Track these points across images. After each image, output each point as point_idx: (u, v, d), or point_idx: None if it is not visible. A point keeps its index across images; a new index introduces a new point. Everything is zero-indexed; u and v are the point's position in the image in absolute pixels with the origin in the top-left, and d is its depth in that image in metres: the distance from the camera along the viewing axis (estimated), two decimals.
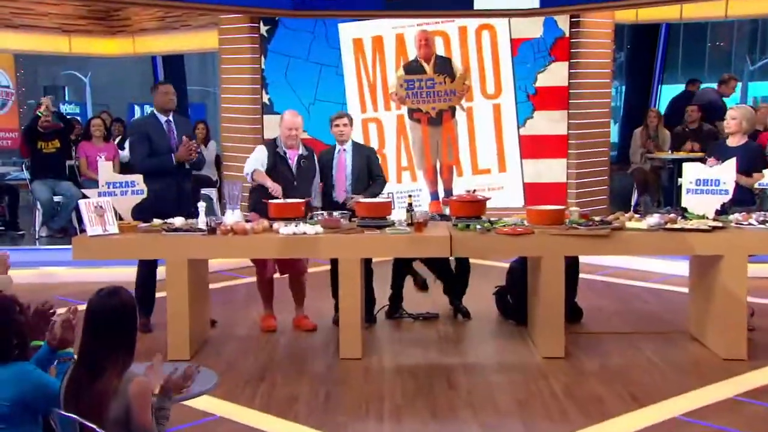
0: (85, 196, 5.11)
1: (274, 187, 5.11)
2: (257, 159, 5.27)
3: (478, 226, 4.70)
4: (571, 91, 8.42)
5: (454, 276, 5.72)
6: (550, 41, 8.36)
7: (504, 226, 4.77)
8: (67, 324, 2.76)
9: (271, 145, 5.38)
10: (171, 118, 5.39)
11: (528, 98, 8.46)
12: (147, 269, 5.33)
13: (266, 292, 5.42)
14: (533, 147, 8.50)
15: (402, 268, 5.72)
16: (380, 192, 5.44)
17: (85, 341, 2.56)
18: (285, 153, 5.30)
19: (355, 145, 5.52)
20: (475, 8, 8.17)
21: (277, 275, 5.43)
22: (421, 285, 6.01)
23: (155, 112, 5.42)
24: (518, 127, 8.50)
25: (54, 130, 7.99)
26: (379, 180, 5.51)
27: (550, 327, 4.69)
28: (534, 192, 8.47)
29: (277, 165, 5.26)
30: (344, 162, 5.43)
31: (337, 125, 5.44)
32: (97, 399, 2.45)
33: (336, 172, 5.43)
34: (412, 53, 8.45)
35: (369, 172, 5.46)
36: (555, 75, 8.40)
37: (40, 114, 7.85)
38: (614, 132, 11.15)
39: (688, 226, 4.69)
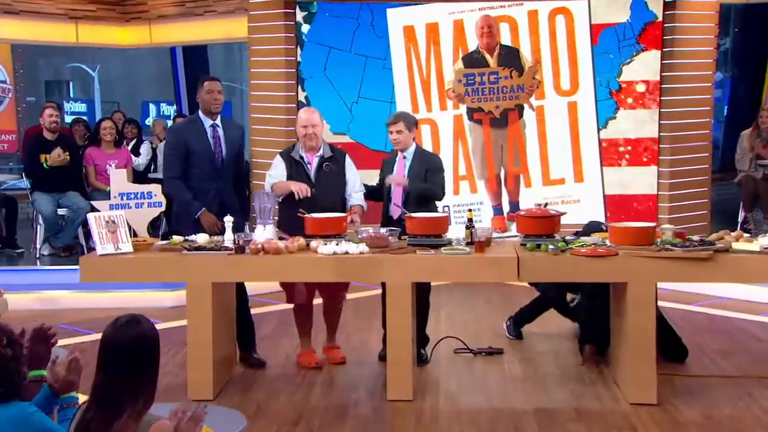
0: (94, 209, 5.26)
1: (299, 188, 5.14)
2: (273, 174, 5.37)
3: (551, 246, 4.70)
4: (663, 86, 8.35)
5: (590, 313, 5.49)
6: (639, 27, 8.31)
7: (581, 246, 4.76)
8: (73, 364, 2.77)
9: (287, 150, 5.47)
10: (218, 122, 5.43)
11: (611, 95, 8.42)
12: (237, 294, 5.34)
13: (303, 322, 5.48)
14: (616, 152, 8.45)
15: (550, 298, 5.65)
16: (430, 195, 5.37)
17: (99, 378, 2.60)
18: (302, 157, 5.37)
19: (418, 152, 5.50)
20: None
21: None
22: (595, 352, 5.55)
23: (200, 114, 5.44)
24: (598, 129, 8.46)
25: (62, 141, 8.15)
26: (433, 190, 5.40)
27: (638, 367, 4.64)
28: (617, 206, 8.40)
29: (292, 171, 5.33)
30: (401, 172, 5.47)
31: (391, 132, 5.47)
32: None
33: (392, 181, 5.51)
34: (473, 43, 8.50)
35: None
36: (644, 67, 8.35)
37: (46, 166, 7.92)
38: (717, 134, 10.99)
39: None
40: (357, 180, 5.49)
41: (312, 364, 5.37)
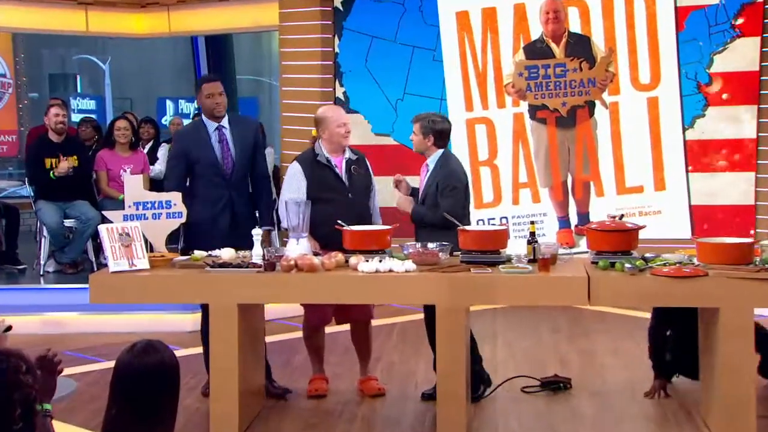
0: (105, 220, 5.34)
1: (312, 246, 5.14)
2: (290, 186, 5.41)
3: (628, 265, 4.67)
4: (763, 78, 8.23)
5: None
6: (735, 9, 8.22)
7: (664, 264, 4.72)
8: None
9: (307, 154, 5.54)
10: (224, 123, 5.54)
11: (699, 89, 8.34)
12: None
13: (317, 346, 5.62)
14: (705, 156, 8.36)
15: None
16: (431, 221, 5.33)
17: (113, 412, 2.65)
18: (328, 159, 5.44)
19: (441, 159, 5.50)
20: None
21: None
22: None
23: (204, 117, 5.58)
24: (684, 129, 8.38)
25: (70, 143, 8.27)
26: (437, 214, 5.26)
27: (733, 408, 4.57)
28: (706, 218, 8.31)
29: (319, 177, 5.40)
30: (423, 181, 5.56)
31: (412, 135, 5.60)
32: None
33: (420, 191, 5.57)
34: (537, 30, 8.49)
35: (436, 201, 5.38)
36: (740, 56, 8.24)
37: (53, 176, 8.04)
38: None
39: None
40: (376, 188, 5.68)
41: (320, 391, 5.48)
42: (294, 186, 5.42)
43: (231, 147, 5.51)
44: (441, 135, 5.50)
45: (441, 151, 5.51)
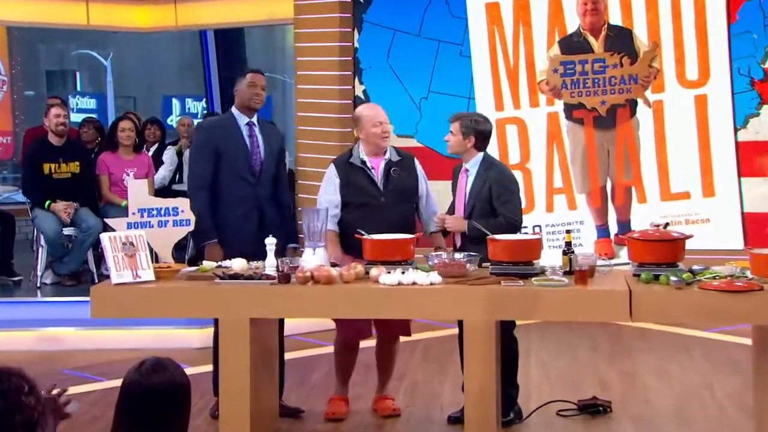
0: (108, 228, 5.38)
1: (335, 255, 5.22)
2: (325, 189, 5.49)
3: (673, 278, 4.64)
4: None
5: None
6: None
7: (714, 277, 4.69)
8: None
9: (344, 156, 5.61)
10: (255, 120, 5.58)
11: (752, 85, 8.30)
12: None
13: (347, 364, 5.61)
14: (759, 159, 8.32)
15: None
16: (494, 232, 5.31)
17: None
18: (365, 162, 5.48)
19: (483, 165, 5.50)
20: None
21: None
22: None
23: (234, 110, 5.58)
24: (735, 130, 8.35)
25: (72, 147, 8.32)
26: (499, 220, 5.32)
27: None
28: (761, 227, 8.26)
29: (351, 181, 5.45)
30: (463, 187, 5.53)
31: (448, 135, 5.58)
32: None
33: (457, 201, 5.55)
34: (573, 22, 8.48)
35: (491, 208, 5.41)
36: None
37: (46, 207, 8.08)
38: None
39: None
40: (430, 193, 5.65)
41: (339, 414, 5.49)
42: (330, 189, 5.49)
43: (261, 145, 5.55)
44: (483, 136, 5.48)
45: (482, 154, 5.49)
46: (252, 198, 5.49)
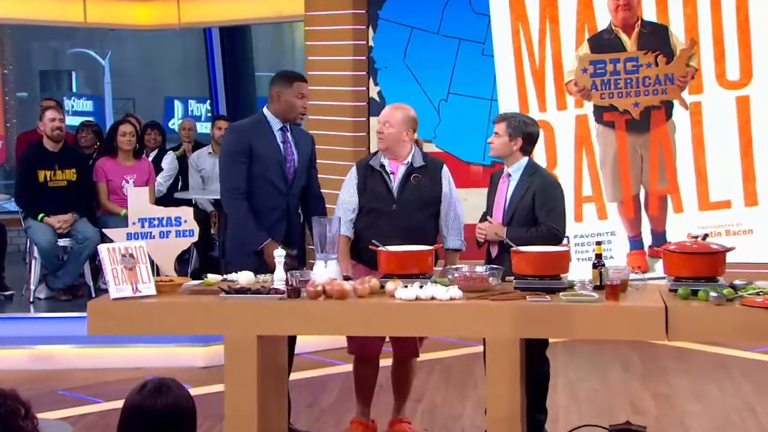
0: (106, 239, 5.40)
1: (343, 266, 5.24)
2: (345, 190, 5.57)
3: (713, 294, 4.63)
4: None
5: None
6: None
7: (757, 293, 4.68)
8: None
9: (367, 158, 5.68)
10: (288, 126, 5.60)
11: None
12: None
13: (365, 380, 5.63)
14: None
15: None
16: (534, 242, 5.34)
17: None
18: (383, 165, 5.52)
19: (529, 167, 5.50)
20: None
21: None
22: None
23: (267, 113, 5.58)
24: None
25: (68, 153, 8.34)
26: (541, 229, 5.33)
27: None
28: None
29: (368, 184, 5.50)
30: (503, 193, 5.52)
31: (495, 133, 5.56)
32: None
33: (494, 208, 5.54)
34: (604, 19, 8.48)
35: (532, 217, 5.41)
36: None
37: (38, 219, 8.12)
38: None
39: None
40: (456, 204, 5.61)
41: None
42: (350, 190, 5.56)
43: (294, 152, 5.58)
44: (531, 139, 5.48)
45: (526, 158, 5.49)
46: (282, 208, 5.52)
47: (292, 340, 5.56)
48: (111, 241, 5.08)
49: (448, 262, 5.55)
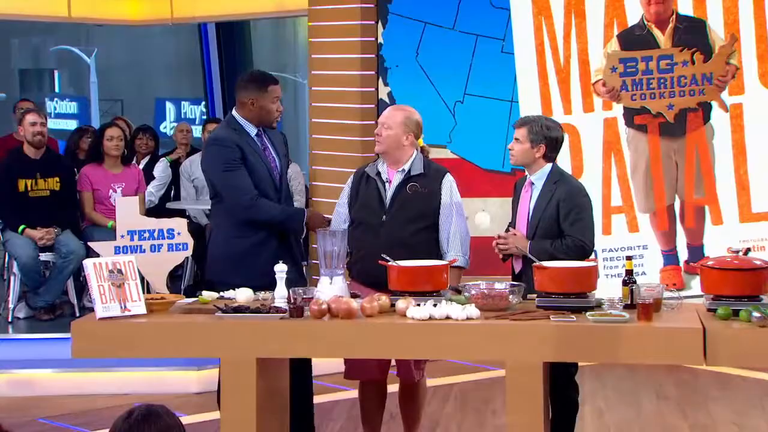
0: (92, 253, 5.43)
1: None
2: (340, 199, 5.66)
3: (756, 314, 4.63)
4: None
5: None
6: None
7: None
8: None
9: (365, 166, 5.72)
10: (262, 128, 5.67)
11: None
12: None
13: (371, 412, 5.65)
14: None
15: None
16: (557, 256, 5.33)
17: None
18: (379, 173, 5.54)
19: (553, 174, 5.50)
20: None
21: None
22: None
23: (239, 119, 5.60)
24: None
25: (51, 161, 8.36)
26: (565, 242, 5.34)
27: None
28: None
29: (361, 193, 5.55)
30: (526, 203, 5.53)
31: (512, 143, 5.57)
32: None
33: (518, 219, 5.54)
34: (635, 13, 8.48)
35: (558, 228, 5.42)
36: None
37: (19, 231, 8.16)
38: None
39: None
40: (458, 216, 5.56)
41: None
42: (342, 200, 5.65)
43: (274, 156, 5.65)
44: (554, 145, 5.48)
45: (550, 165, 5.49)
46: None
47: (306, 362, 5.56)
48: (97, 255, 5.11)
49: (449, 281, 5.41)
